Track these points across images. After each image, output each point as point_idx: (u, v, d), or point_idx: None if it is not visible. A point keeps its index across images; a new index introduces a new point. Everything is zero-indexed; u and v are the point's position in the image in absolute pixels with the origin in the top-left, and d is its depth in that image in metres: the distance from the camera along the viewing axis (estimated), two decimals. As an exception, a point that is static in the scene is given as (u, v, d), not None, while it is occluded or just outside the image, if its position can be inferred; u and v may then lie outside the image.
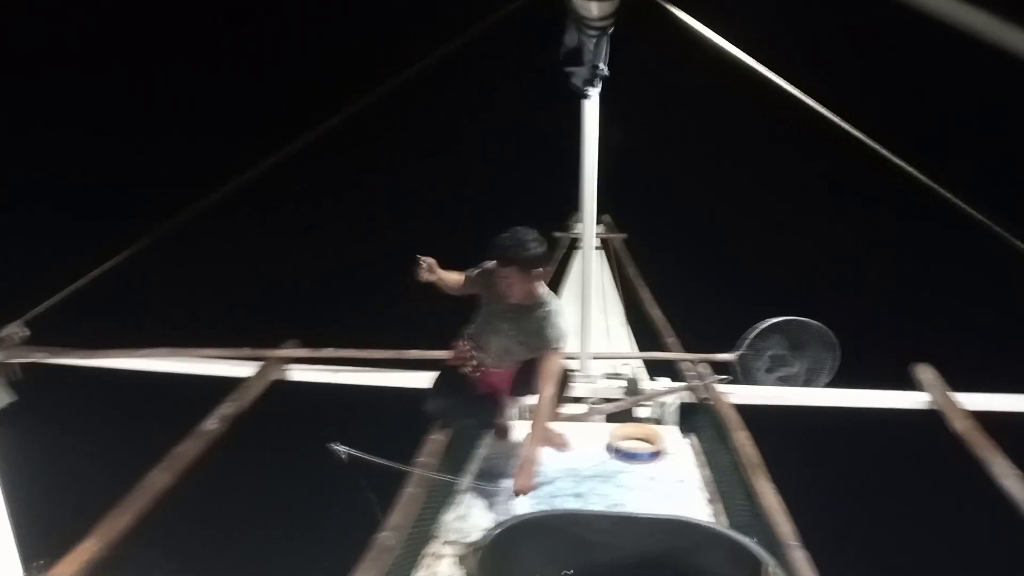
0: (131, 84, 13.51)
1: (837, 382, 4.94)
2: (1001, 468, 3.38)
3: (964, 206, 4.06)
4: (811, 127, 4.12)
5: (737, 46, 3.80)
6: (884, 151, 4.02)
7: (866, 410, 4.63)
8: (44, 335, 4.64)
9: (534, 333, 3.70)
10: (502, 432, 4.37)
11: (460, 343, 4.05)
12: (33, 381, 4.50)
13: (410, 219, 11.82)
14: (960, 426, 3.89)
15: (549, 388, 3.69)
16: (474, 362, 3.99)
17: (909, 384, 4.54)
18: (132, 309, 7.95)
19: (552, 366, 3.70)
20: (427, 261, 3.80)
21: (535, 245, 3.52)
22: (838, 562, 3.05)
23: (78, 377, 4.95)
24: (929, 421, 4.25)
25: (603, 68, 4.04)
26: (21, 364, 4.51)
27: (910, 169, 4.04)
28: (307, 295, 10.19)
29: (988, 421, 3.84)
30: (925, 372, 4.52)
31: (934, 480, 6.05)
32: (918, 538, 6.18)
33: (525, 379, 4.00)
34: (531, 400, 4.49)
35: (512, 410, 4.64)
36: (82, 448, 6.52)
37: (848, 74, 11.65)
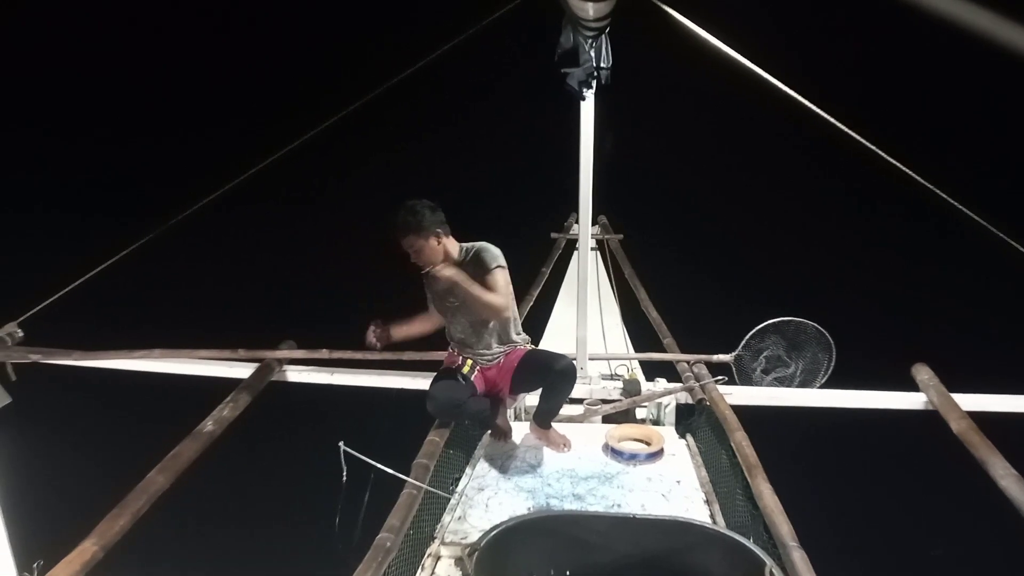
0: (119, 85, 13.47)
1: (835, 383, 4.93)
2: (999, 468, 3.39)
3: (962, 207, 4.06)
4: (808, 127, 4.12)
5: (732, 46, 3.79)
6: (881, 152, 4.02)
7: (864, 410, 4.64)
8: (40, 336, 4.62)
9: (474, 276, 3.77)
10: (501, 433, 4.36)
11: (449, 352, 4.16)
12: (29, 382, 4.48)
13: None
14: (957, 426, 3.90)
15: (493, 296, 3.74)
16: (467, 364, 4.01)
17: (906, 385, 4.55)
18: (128, 309, 7.93)
19: (498, 282, 3.75)
20: (376, 332, 3.92)
21: (420, 208, 3.70)
22: (836, 562, 3.05)
23: (74, 378, 4.94)
24: (927, 421, 4.26)
25: (605, 68, 4.05)
26: (16, 365, 4.49)
27: (906, 169, 4.04)
28: (304, 295, 10.16)
29: (985, 421, 3.85)
30: (922, 372, 4.52)
31: (932, 480, 6.05)
32: (916, 538, 6.18)
33: (523, 376, 4.02)
34: (530, 398, 4.51)
35: (511, 410, 4.66)
36: (79, 449, 6.50)
37: (844, 73, 11.68)
